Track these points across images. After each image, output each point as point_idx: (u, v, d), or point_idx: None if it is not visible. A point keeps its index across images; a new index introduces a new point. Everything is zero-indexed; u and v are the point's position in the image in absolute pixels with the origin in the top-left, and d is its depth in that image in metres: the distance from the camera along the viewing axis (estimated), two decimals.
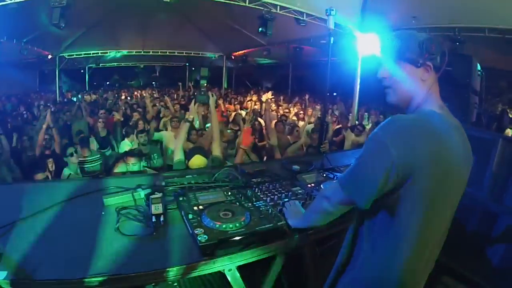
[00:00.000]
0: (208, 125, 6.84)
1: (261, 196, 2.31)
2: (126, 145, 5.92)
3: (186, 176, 2.66)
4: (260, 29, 8.78)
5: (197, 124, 7.00)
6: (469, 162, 1.55)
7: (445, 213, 1.50)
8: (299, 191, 2.42)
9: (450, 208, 1.52)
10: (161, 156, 5.99)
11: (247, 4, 8.43)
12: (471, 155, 1.57)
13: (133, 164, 4.13)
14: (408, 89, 1.56)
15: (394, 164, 1.32)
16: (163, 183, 2.52)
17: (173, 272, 1.68)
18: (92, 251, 1.77)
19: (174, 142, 5.23)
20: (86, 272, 1.60)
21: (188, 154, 3.54)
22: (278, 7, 8.79)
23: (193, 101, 3.95)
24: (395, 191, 1.39)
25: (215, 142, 3.86)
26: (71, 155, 4.94)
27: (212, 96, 3.86)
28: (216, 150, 3.77)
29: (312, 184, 2.60)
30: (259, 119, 7.95)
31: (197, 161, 3.43)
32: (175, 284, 2.32)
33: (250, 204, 2.18)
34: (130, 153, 4.37)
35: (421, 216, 1.41)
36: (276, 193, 2.36)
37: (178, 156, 3.65)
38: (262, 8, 8.54)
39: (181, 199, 2.19)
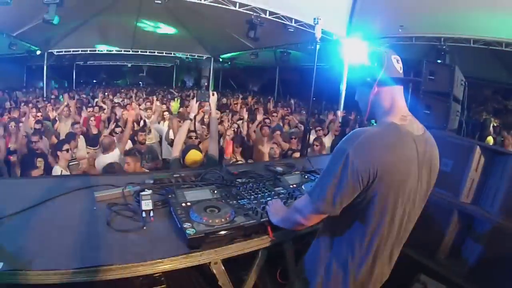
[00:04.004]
0: None
1: (245, 194, 2.42)
2: None
3: (174, 175, 2.76)
4: (248, 33, 8.88)
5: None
6: (431, 167, 1.68)
7: (405, 215, 1.64)
8: (282, 191, 2.54)
9: (412, 209, 1.67)
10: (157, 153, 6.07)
11: (237, 8, 8.53)
12: (435, 159, 1.71)
13: (127, 164, 4.20)
14: (368, 106, 1.70)
15: (357, 174, 1.47)
16: (152, 181, 2.63)
17: (161, 263, 1.77)
18: (85, 243, 1.85)
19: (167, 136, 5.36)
20: (79, 263, 1.68)
21: (184, 151, 3.62)
22: (267, 12, 8.90)
23: (194, 99, 3.97)
24: (359, 198, 1.54)
25: (212, 141, 3.93)
26: (67, 151, 4.88)
27: (213, 94, 3.89)
28: (212, 149, 3.83)
29: (294, 185, 2.71)
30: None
31: (193, 155, 3.52)
32: (162, 279, 2.40)
33: (235, 201, 2.29)
34: (127, 153, 4.44)
35: (381, 218, 1.57)
36: (259, 192, 2.47)
37: (176, 153, 3.71)
38: (252, 13, 8.64)
39: (169, 196, 2.28)
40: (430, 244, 2.75)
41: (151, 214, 2.12)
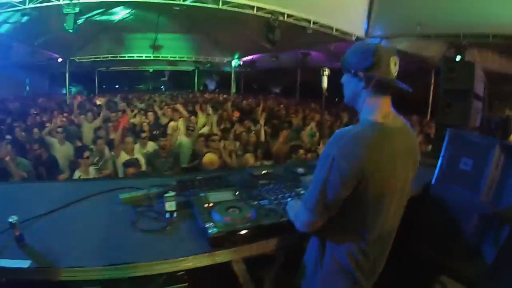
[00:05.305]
0: None
1: (266, 195, 2.44)
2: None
3: (197, 177, 2.81)
4: (267, 36, 8.92)
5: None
6: (413, 158, 1.72)
7: (396, 206, 1.69)
8: (302, 192, 2.53)
9: (402, 198, 1.73)
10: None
11: (255, 12, 8.58)
12: (417, 148, 1.75)
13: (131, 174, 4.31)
14: (350, 94, 1.71)
15: (345, 176, 1.49)
16: (175, 183, 2.69)
17: (184, 261, 1.82)
18: (111, 243, 1.93)
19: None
20: (105, 261, 1.74)
21: (199, 155, 3.70)
22: (285, 14, 8.93)
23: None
24: (351, 197, 1.56)
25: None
26: (87, 158, 5.03)
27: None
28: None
29: None
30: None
31: (209, 156, 3.59)
32: (185, 277, 2.45)
33: (256, 202, 2.31)
34: (125, 164, 4.58)
35: (374, 215, 1.61)
36: (280, 193, 2.48)
37: None
38: (270, 16, 8.68)
39: (192, 197, 2.34)
40: (450, 244, 2.72)
41: (175, 214, 2.17)
